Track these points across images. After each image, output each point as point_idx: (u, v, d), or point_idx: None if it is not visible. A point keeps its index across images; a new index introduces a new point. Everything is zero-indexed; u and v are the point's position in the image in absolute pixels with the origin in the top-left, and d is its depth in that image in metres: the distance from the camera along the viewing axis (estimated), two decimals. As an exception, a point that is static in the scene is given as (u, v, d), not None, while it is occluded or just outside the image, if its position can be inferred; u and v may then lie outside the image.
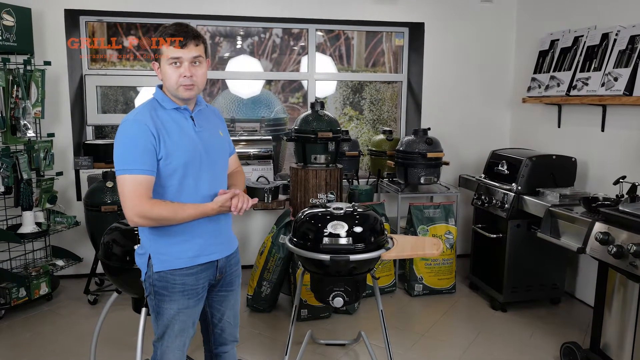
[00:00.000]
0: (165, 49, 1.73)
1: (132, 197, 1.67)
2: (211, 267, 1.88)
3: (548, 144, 4.06)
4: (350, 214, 2.42)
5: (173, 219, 1.72)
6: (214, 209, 1.77)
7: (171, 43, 1.71)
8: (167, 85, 1.78)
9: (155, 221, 1.72)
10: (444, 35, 4.48)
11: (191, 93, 1.78)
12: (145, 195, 1.68)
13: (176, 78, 1.74)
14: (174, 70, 1.74)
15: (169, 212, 1.70)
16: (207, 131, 1.87)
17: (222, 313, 2.03)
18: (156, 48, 1.75)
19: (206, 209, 1.77)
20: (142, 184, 1.68)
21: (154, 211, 1.68)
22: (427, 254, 2.40)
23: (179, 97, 1.79)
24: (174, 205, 1.72)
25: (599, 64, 3.41)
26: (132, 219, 1.70)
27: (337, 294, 2.39)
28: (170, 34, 1.72)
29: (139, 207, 1.67)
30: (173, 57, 1.73)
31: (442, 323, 3.42)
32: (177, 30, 1.73)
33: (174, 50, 1.72)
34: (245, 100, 4.77)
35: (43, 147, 3.53)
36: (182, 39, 1.72)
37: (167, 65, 1.74)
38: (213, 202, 1.77)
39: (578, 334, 3.24)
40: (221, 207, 1.78)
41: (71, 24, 4.01)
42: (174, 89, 1.76)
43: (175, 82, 1.74)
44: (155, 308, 1.85)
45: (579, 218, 2.80)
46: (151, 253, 1.81)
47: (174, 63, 1.73)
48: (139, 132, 1.70)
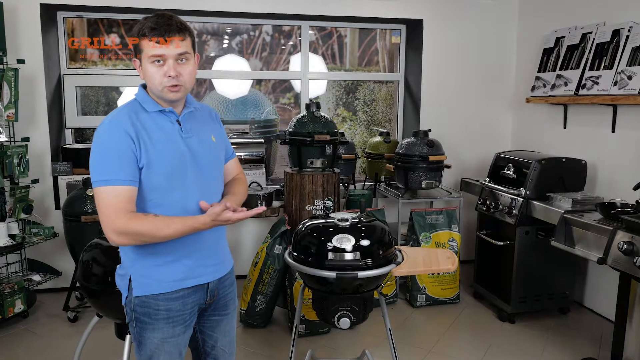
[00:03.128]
0: (146, 45, 1.49)
1: (110, 211, 1.44)
2: (200, 290, 1.65)
3: (553, 146, 3.89)
4: (356, 226, 2.21)
5: (156, 235, 1.47)
6: (206, 224, 1.51)
7: (152, 37, 1.47)
8: (151, 86, 1.54)
9: (136, 238, 1.47)
10: (444, 32, 4.29)
11: (178, 95, 1.54)
12: (125, 209, 1.45)
13: (160, 78, 1.50)
14: (156, 70, 1.50)
15: (151, 228, 1.45)
16: (197, 136, 1.62)
17: (215, 340, 1.80)
18: (136, 44, 1.51)
19: (196, 224, 1.50)
20: (121, 196, 1.45)
21: (134, 226, 1.44)
22: (442, 269, 2.20)
23: (164, 98, 1.55)
24: (158, 220, 1.47)
25: (610, 61, 3.24)
26: (111, 237, 1.46)
27: (343, 314, 2.17)
28: (150, 27, 1.48)
29: (117, 222, 1.44)
30: (155, 55, 1.49)
31: (449, 337, 3.23)
32: (158, 23, 1.48)
33: (155, 46, 1.48)
34: (233, 101, 4.53)
35: (17, 153, 3.26)
36: (165, 32, 1.47)
37: (148, 63, 1.50)
38: (206, 215, 1.51)
39: (592, 346, 3.07)
40: (215, 222, 1.51)
41: (48, 20, 3.73)
42: (158, 90, 1.53)
43: (159, 82, 1.51)
44: (136, 337, 1.62)
45: (597, 226, 2.62)
46: (132, 275, 1.58)
47: (157, 61, 1.49)
48: (116, 137, 1.46)
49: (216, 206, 1.50)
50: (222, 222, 1.52)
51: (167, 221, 1.48)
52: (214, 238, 1.67)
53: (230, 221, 1.52)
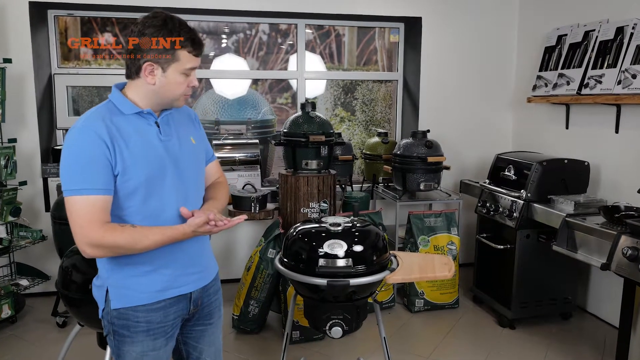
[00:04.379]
0: (184, 57, 1.44)
1: (84, 222, 1.35)
2: (183, 300, 1.56)
3: (555, 147, 3.80)
4: (349, 231, 2.12)
5: (134, 247, 1.40)
6: (187, 234, 1.44)
7: (194, 50, 1.46)
8: (168, 94, 1.48)
9: (111, 251, 1.40)
10: (443, 30, 4.19)
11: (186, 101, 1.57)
12: (98, 219, 1.36)
13: (184, 89, 1.49)
14: (185, 80, 1.48)
15: (127, 241, 1.38)
16: (176, 139, 1.54)
17: (200, 351, 1.71)
18: (171, 50, 1.42)
19: (176, 234, 1.43)
20: (96, 206, 1.36)
21: (109, 239, 1.36)
22: (438, 276, 2.10)
23: (174, 105, 1.53)
24: (135, 231, 1.39)
25: (614, 60, 3.14)
26: (85, 250, 1.37)
27: (335, 322, 2.08)
28: (192, 40, 1.44)
29: (92, 234, 1.35)
30: (192, 68, 1.48)
31: (447, 343, 3.14)
32: (194, 35, 1.46)
33: (193, 58, 1.47)
34: (230, 101, 4.44)
35: (4, 154, 3.17)
36: (201, 46, 1.48)
37: (179, 73, 1.46)
38: (186, 225, 1.44)
39: (595, 352, 2.97)
40: (195, 232, 1.45)
41: (38, 19, 3.65)
42: (173, 98, 1.50)
43: (182, 92, 1.49)
44: (115, 350, 1.53)
45: (600, 230, 2.53)
46: (109, 286, 1.49)
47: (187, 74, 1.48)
48: (89, 144, 1.37)
49: (197, 217, 1.43)
50: (203, 233, 1.47)
51: (145, 232, 1.40)
52: (196, 245, 1.58)
53: (211, 232, 1.47)
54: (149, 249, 1.42)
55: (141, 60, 1.42)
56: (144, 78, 1.45)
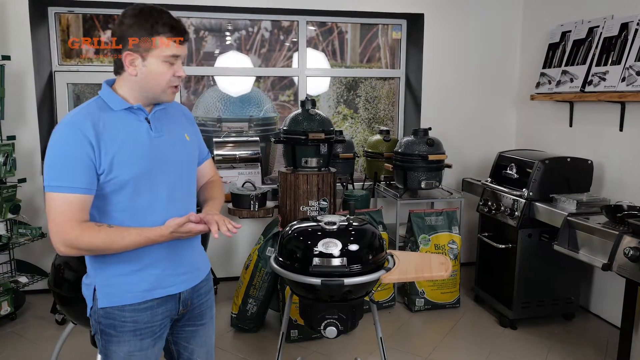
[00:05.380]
0: (162, 43, 1.40)
1: (61, 220, 1.34)
2: (171, 301, 1.54)
3: (559, 145, 3.75)
4: (345, 230, 2.09)
5: (109, 248, 1.38)
6: (164, 236, 1.41)
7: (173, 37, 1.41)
8: (152, 85, 1.44)
9: (86, 251, 1.38)
10: (445, 27, 4.14)
11: (174, 95, 1.50)
12: (75, 218, 1.35)
13: (169, 78, 1.43)
14: (168, 69, 1.43)
15: (103, 241, 1.36)
16: (168, 136, 1.51)
17: (191, 352, 1.69)
18: (147, 39, 1.39)
19: (153, 236, 1.40)
20: (72, 205, 1.34)
21: (83, 239, 1.34)
22: (435, 277, 2.07)
23: (162, 99, 1.48)
24: (111, 232, 1.37)
25: (618, 57, 3.09)
26: (58, 248, 1.36)
27: (329, 322, 2.05)
28: (170, 26, 1.40)
29: (65, 233, 1.34)
30: (172, 55, 1.42)
31: (447, 343, 3.10)
32: (174, 22, 1.42)
33: (174, 45, 1.41)
34: (233, 99, 4.42)
35: (3, 151, 3.17)
36: (183, 33, 1.43)
37: (159, 62, 1.41)
38: (164, 227, 1.41)
39: (597, 353, 2.93)
40: (174, 234, 1.41)
41: (38, 16, 3.64)
42: (160, 91, 1.45)
43: (167, 82, 1.44)
44: (103, 350, 1.52)
45: (602, 230, 2.48)
46: (96, 285, 1.48)
47: (169, 61, 1.43)
48: (72, 141, 1.35)
49: (178, 218, 1.40)
50: (182, 235, 1.43)
51: (122, 232, 1.38)
52: (185, 244, 1.55)
53: (191, 233, 1.43)
54: (127, 249, 1.40)
55: (122, 51, 1.41)
56: (127, 70, 1.43)
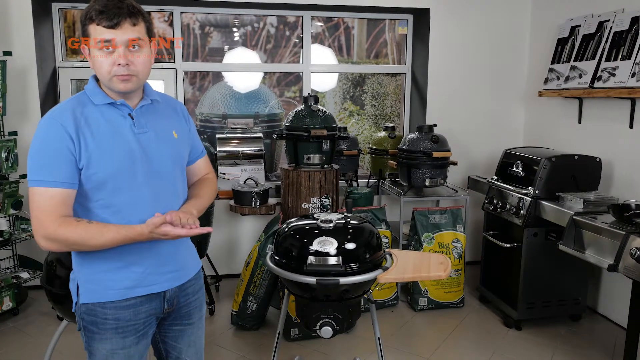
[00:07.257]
0: (93, 30, 1.35)
1: (42, 214, 1.32)
2: (156, 299, 1.51)
3: (567, 142, 3.66)
4: (342, 228, 2.05)
5: (87, 244, 1.34)
6: (143, 234, 1.36)
7: (100, 21, 1.33)
8: (99, 75, 1.40)
9: (65, 245, 1.36)
10: (452, 22, 4.07)
11: (128, 85, 1.39)
12: (56, 212, 1.33)
13: (108, 67, 1.36)
14: (105, 57, 1.36)
15: (81, 236, 1.33)
16: (153, 132, 1.48)
17: (180, 351, 1.66)
18: (84, 27, 1.37)
19: (132, 234, 1.35)
20: (54, 199, 1.33)
21: (63, 233, 1.32)
22: (433, 277, 2.02)
23: (114, 89, 1.41)
24: (91, 227, 1.34)
25: (629, 51, 3.01)
26: (39, 242, 1.35)
27: (325, 322, 2.02)
28: (98, 10, 1.33)
29: (47, 227, 1.32)
30: (103, 40, 1.34)
31: (450, 343, 3.05)
32: (107, 6, 1.33)
33: (103, 30, 1.33)
34: (238, 95, 4.40)
35: (5, 147, 3.18)
36: (115, 16, 1.33)
37: (96, 50, 1.36)
38: (145, 225, 1.36)
39: (604, 356, 2.86)
40: (152, 234, 1.36)
41: (41, 12, 3.64)
42: (106, 80, 1.39)
43: (108, 71, 1.36)
44: (86, 346, 1.50)
45: (608, 229, 2.42)
46: (79, 281, 1.46)
47: (105, 48, 1.35)
48: (53, 135, 1.33)
49: (157, 217, 1.35)
50: (159, 236, 1.37)
51: (101, 229, 1.35)
52: (171, 243, 1.51)
53: (167, 236, 1.36)
54: (105, 246, 1.36)
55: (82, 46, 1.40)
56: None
